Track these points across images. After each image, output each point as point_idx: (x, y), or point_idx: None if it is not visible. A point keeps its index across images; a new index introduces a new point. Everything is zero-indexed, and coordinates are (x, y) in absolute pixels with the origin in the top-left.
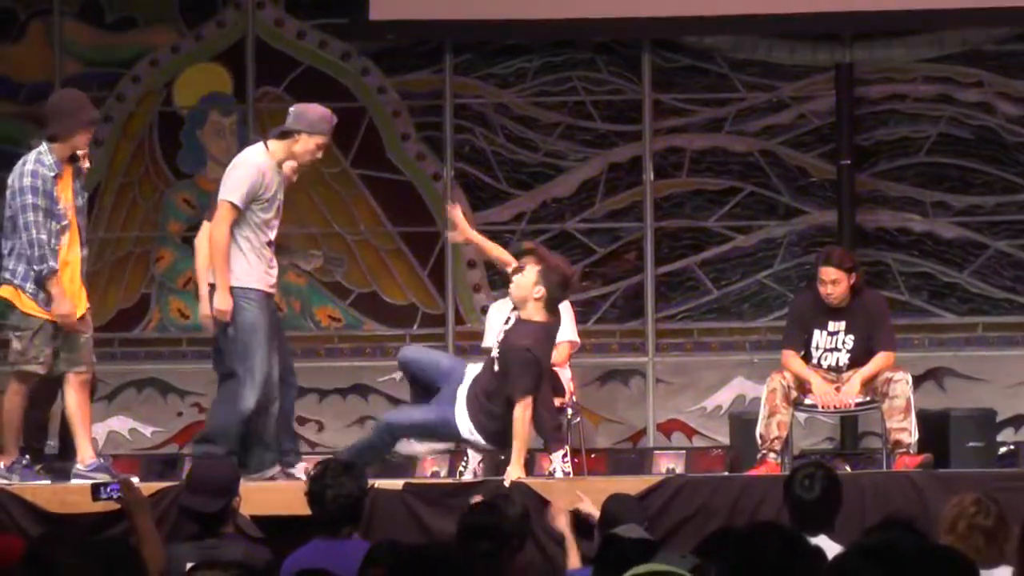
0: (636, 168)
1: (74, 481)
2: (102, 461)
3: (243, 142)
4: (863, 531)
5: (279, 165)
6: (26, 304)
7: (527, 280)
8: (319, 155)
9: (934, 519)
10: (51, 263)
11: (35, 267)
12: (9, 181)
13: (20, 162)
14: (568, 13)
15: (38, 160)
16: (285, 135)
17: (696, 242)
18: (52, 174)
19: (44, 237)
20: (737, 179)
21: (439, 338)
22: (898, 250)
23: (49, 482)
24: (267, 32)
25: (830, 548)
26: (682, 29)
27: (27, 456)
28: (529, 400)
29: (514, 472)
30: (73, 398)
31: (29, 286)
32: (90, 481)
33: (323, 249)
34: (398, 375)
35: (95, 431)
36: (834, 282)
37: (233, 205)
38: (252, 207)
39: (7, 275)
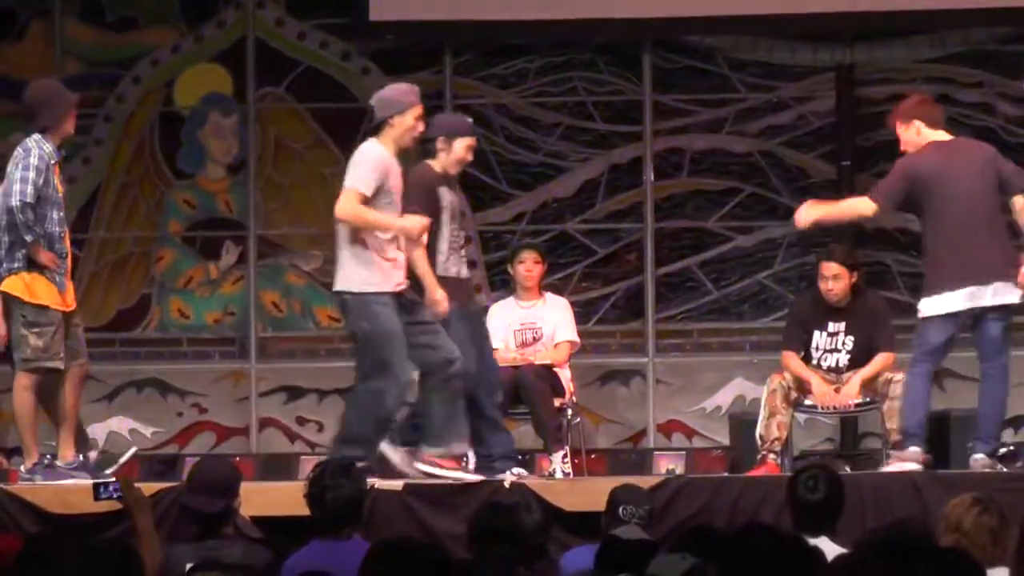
0: (636, 169)
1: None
2: (81, 459)
3: (244, 142)
4: (868, 532)
5: (394, 158)
6: (39, 294)
7: None
8: (421, 127)
9: (934, 519)
10: (32, 233)
11: (22, 236)
12: (8, 171)
13: (17, 155)
14: (568, 14)
15: (38, 147)
16: (380, 127)
17: (696, 243)
18: (52, 161)
19: (31, 202)
20: (737, 180)
21: None
22: (898, 250)
23: (76, 481)
24: (267, 32)
25: (830, 549)
26: (682, 30)
27: (48, 456)
28: None
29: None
30: (73, 392)
31: (47, 272)
32: (91, 480)
33: (323, 249)
34: None
35: (95, 431)
36: (835, 277)
37: (361, 193)
38: (377, 200)
39: (17, 265)
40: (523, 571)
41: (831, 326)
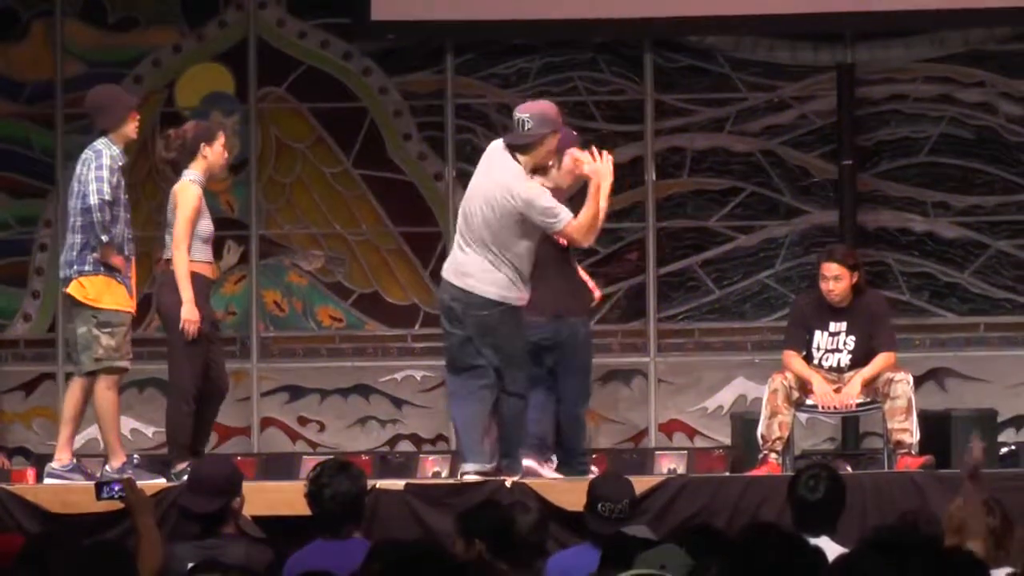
0: (638, 168)
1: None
2: (75, 463)
3: (245, 142)
4: (871, 530)
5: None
6: (112, 295)
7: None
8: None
9: (936, 520)
10: (108, 234)
11: (96, 236)
12: (80, 172)
13: (87, 156)
14: (570, 13)
15: (108, 148)
16: (530, 146)
17: (698, 242)
18: (120, 164)
19: (109, 200)
20: (739, 179)
21: (440, 338)
22: (899, 250)
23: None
24: (269, 32)
25: (831, 549)
26: (683, 29)
27: (136, 455)
28: None
29: None
30: (86, 401)
31: (116, 274)
32: (94, 480)
33: (324, 249)
34: (399, 375)
35: (96, 431)
36: (836, 278)
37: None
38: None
39: (88, 268)
40: (508, 570)
41: (832, 326)
